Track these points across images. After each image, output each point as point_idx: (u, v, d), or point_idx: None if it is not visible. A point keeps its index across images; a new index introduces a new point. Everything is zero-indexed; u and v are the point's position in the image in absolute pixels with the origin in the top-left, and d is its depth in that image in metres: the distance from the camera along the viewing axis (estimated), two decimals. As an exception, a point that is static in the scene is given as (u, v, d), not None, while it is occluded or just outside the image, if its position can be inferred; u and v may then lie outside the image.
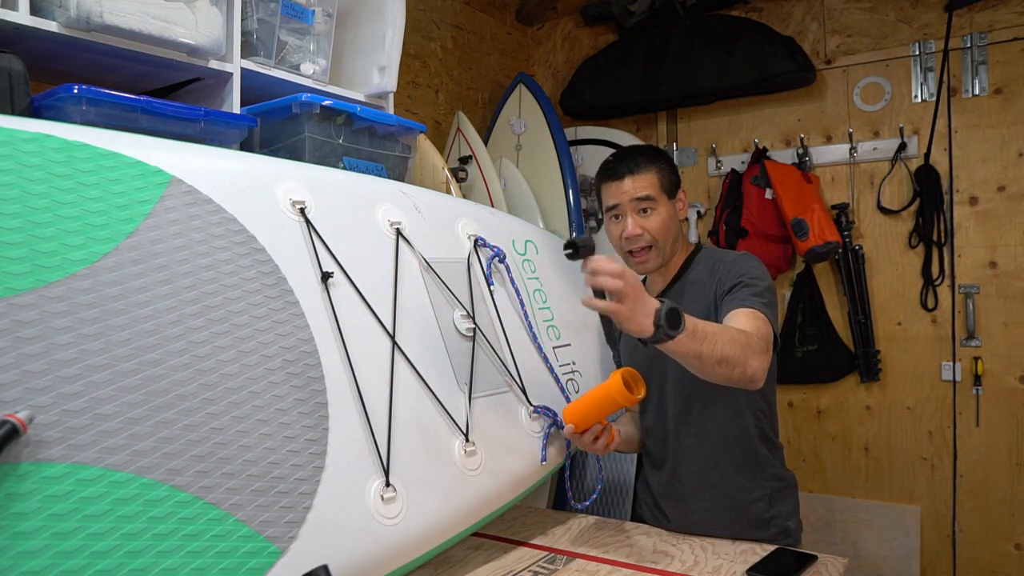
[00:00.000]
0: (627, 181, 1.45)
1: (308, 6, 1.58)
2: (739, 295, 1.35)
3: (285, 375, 0.99)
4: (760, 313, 1.31)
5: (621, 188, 1.45)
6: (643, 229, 1.44)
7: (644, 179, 1.45)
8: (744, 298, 1.34)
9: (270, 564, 0.87)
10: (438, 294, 1.29)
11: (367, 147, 1.53)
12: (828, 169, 2.60)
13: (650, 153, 1.50)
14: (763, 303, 1.33)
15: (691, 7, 2.74)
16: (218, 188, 1.04)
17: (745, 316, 1.30)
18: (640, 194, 1.44)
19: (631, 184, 1.44)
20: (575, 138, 2.85)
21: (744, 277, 1.38)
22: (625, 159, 1.48)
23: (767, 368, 1.24)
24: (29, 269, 0.82)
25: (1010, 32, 2.31)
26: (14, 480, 0.73)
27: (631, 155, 1.49)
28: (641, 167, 1.45)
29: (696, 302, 1.43)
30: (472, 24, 2.85)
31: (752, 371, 1.20)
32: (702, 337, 1.14)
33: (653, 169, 1.46)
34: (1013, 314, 2.32)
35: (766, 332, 1.29)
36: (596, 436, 1.31)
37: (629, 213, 1.45)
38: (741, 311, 1.31)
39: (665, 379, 1.46)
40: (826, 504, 2.59)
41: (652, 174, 1.46)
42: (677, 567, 1.22)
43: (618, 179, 1.46)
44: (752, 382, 1.22)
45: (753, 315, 1.30)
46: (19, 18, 1.13)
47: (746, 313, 1.31)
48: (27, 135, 0.89)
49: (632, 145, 1.60)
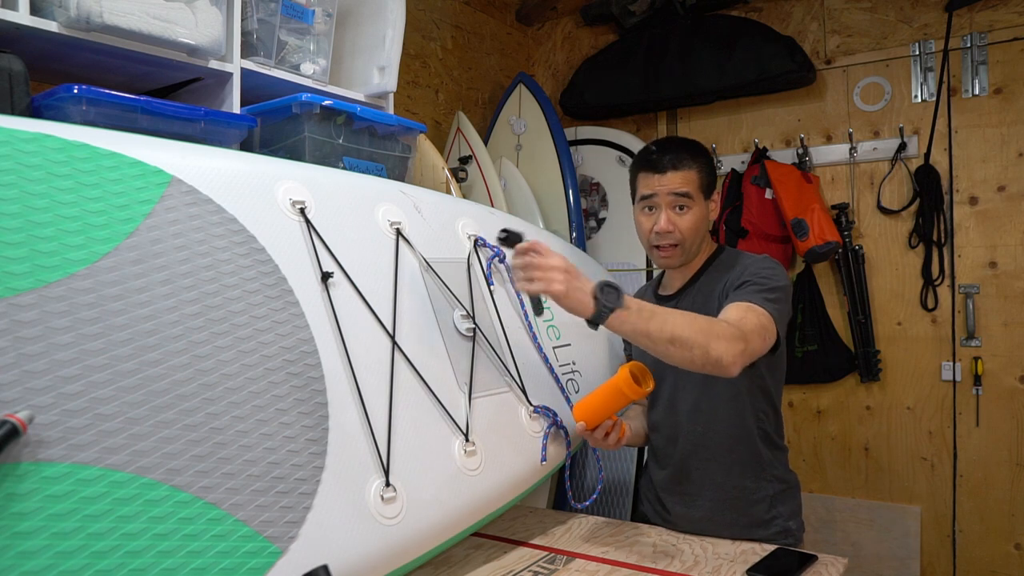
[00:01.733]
0: (668, 175, 1.41)
1: (308, 6, 1.58)
2: (742, 291, 1.34)
3: (285, 375, 0.99)
4: (756, 306, 1.28)
5: (661, 181, 1.42)
6: (675, 226, 1.42)
7: (685, 176, 1.42)
8: (745, 294, 1.32)
9: (270, 564, 0.87)
10: (438, 294, 1.29)
11: (367, 147, 1.53)
12: (828, 169, 2.60)
13: (694, 149, 1.46)
14: (764, 299, 1.30)
15: (691, 7, 2.74)
16: (218, 188, 1.04)
17: (736, 308, 1.28)
18: (679, 190, 1.41)
19: (672, 178, 1.41)
20: (575, 138, 2.85)
21: (755, 276, 1.36)
22: (669, 151, 1.44)
23: (742, 355, 1.18)
24: (29, 269, 0.82)
25: (1010, 32, 2.31)
26: (14, 480, 0.73)
27: (675, 148, 1.45)
28: (684, 162, 1.42)
29: (709, 299, 1.42)
30: (472, 24, 2.86)
31: (717, 355, 1.14)
32: (649, 316, 1.14)
33: (695, 167, 1.43)
34: (1013, 314, 2.32)
35: (753, 323, 1.24)
36: (607, 432, 1.31)
37: (664, 207, 1.42)
38: (734, 304, 1.30)
39: (678, 375, 1.45)
40: (826, 504, 2.59)
41: (694, 172, 1.43)
42: (677, 567, 1.22)
43: (659, 171, 1.42)
44: (719, 367, 1.16)
45: (746, 308, 1.27)
46: (19, 18, 1.14)
47: (738, 306, 1.28)
48: (27, 135, 0.89)
49: (675, 137, 1.53)
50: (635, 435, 1.52)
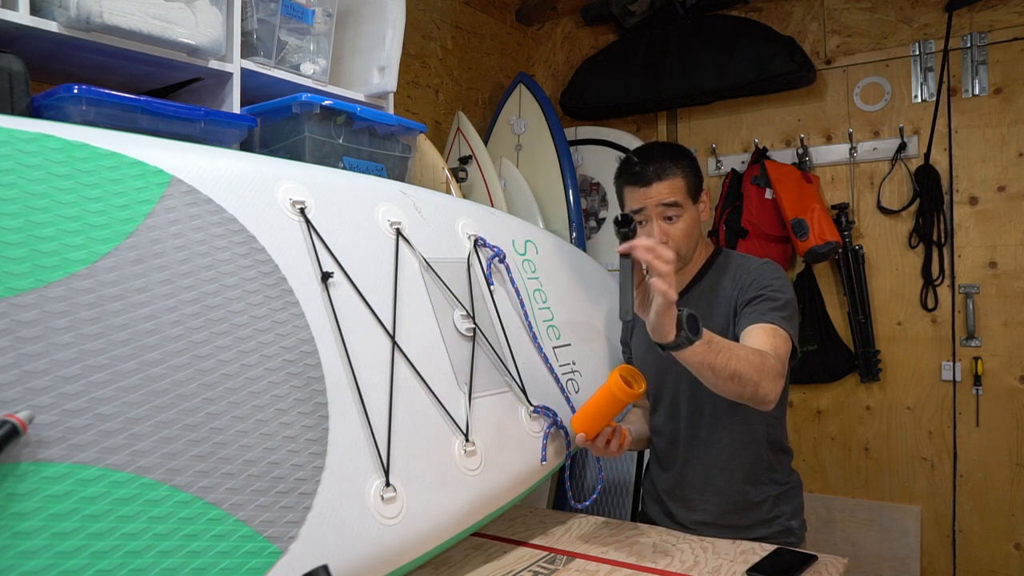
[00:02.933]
0: (655, 187, 1.40)
1: (308, 6, 1.58)
2: (759, 308, 1.33)
3: (285, 375, 0.99)
4: (780, 329, 1.30)
5: (648, 193, 1.41)
6: (667, 236, 1.41)
7: (671, 184, 1.40)
8: (764, 312, 1.32)
9: (270, 564, 0.87)
10: (438, 294, 1.29)
11: (367, 147, 1.53)
12: (828, 169, 2.60)
13: (676, 154, 1.45)
14: (783, 317, 1.32)
15: (691, 7, 2.74)
16: (218, 188, 1.04)
17: (764, 333, 1.29)
18: (667, 200, 1.40)
19: (658, 189, 1.40)
20: (575, 138, 2.85)
21: (766, 290, 1.35)
22: (652, 160, 1.42)
23: (780, 390, 1.23)
24: (29, 269, 0.81)
25: (1010, 32, 2.31)
26: (14, 480, 0.73)
27: (657, 157, 1.43)
28: (668, 171, 1.41)
29: (716, 309, 1.42)
30: (472, 24, 2.85)
31: (764, 392, 1.19)
32: (717, 349, 1.15)
33: (679, 173, 1.42)
34: (1013, 314, 2.32)
35: (784, 350, 1.28)
36: (608, 440, 1.30)
37: (655, 218, 1.42)
38: (760, 327, 1.30)
39: (680, 380, 1.45)
40: (826, 504, 2.59)
41: (679, 178, 1.41)
42: (677, 567, 1.22)
43: (644, 184, 1.41)
44: (763, 403, 1.22)
45: (773, 332, 1.29)
46: (19, 18, 1.13)
47: (765, 329, 1.29)
48: (27, 135, 0.89)
49: (655, 144, 1.49)
50: (637, 439, 1.52)
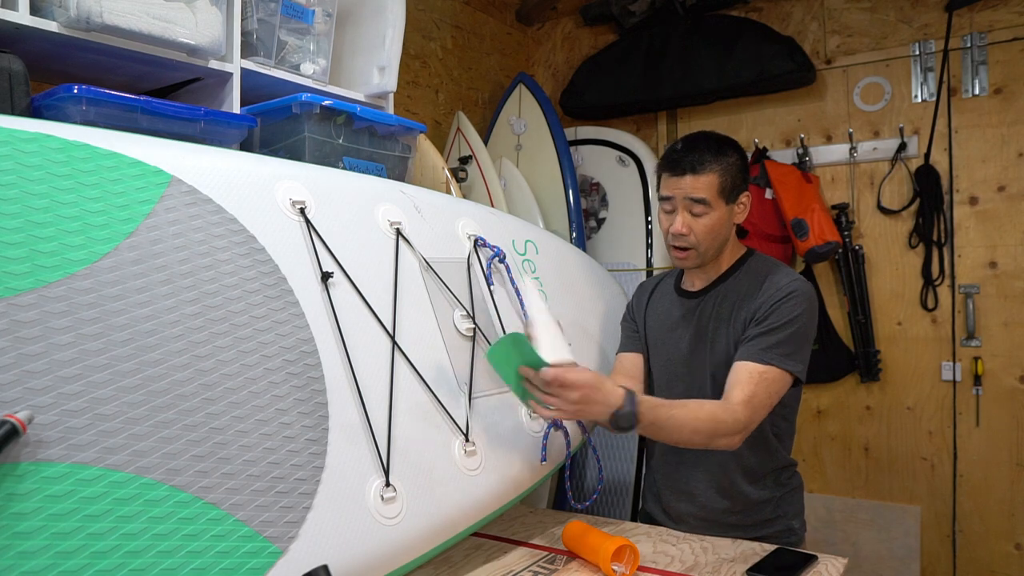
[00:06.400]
0: (687, 179, 1.37)
1: (308, 6, 1.58)
2: (758, 343, 1.33)
3: (285, 375, 0.99)
4: (772, 370, 1.30)
5: (679, 184, 1.39)
6: (690, 230, 1.39)
7: (704, 180, 1.37)
8: (763, 349, 1.32)
9: (270, 564, 0.87)
10: (438, 294, 1.29)
11: (367, 147, 1.53)
12: (828, 169, 2.60)
13: (719, 149, 1.40)
14: (782, 354, 1.31)
15: (691, 7, 2.74)
16: (218, 188, 1.04)
17: (749, 375, 1.30)
18: (695, 196, 1.37)
19: (689, 183, 1.37)
20: (575, 138, 2.85)
21: (776, 322, 1.34)
22: (691, 152, 1.39)
23: (743, 438, 1.30)
24: (29, 269, 0.81)
25: (1010, 32, 2.31)
26: (14, 480, 0.73)
27: (699, 148, 1.39)
28: (705, 166, 1.37)
29: (735, 315, 1.41)
30: (472, 24, 2.86)
31: (718, 447, 1.29)
32: (661, 426, 1.25)
33: (717, 170, 1.37)
34: (1013, 314, 2.32)
35: (764, 396, 1.30)
36: None
37: (680, 210, 1.40)
38: (748, 367, 1.31)
39: (691, 384, 1.45)
40: (826, 504, 2.59)
41: (714, 175, 1.37)
42: (677, 567, 1.21)
43: (678, 173, 1.39)
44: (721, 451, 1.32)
45: (760, 375, 1.30)
46: (19, 18, 1.14)
47: (751, 371, 1.31)
48: (27, 135, 0.89)
49: (702, 134, 1.45)
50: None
